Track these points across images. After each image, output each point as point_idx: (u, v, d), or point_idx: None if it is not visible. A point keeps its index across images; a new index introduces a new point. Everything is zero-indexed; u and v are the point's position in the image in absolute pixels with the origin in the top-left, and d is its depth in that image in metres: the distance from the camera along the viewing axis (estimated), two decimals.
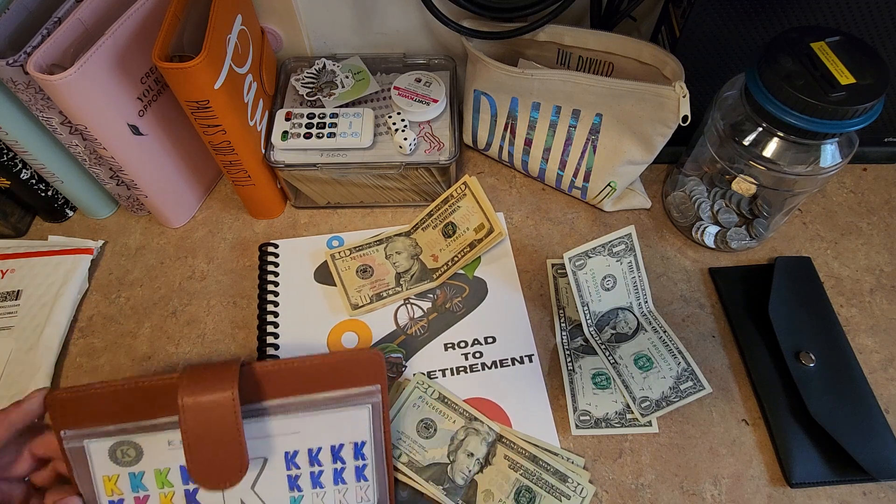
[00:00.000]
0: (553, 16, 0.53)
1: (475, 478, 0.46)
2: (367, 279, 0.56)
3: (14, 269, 0.57)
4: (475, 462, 0.47)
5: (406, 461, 0.47)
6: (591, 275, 0.52)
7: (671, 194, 0.61)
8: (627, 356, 0.52)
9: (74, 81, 0.44)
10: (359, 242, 0.59)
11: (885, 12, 0.50)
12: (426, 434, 0.48)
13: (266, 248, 0.59)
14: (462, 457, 0.47)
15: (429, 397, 0.50)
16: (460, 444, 0.47)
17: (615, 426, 0.49)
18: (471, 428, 0.48)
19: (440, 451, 0.47)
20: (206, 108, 0.48)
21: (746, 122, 0.50)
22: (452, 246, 0.57)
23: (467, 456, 0.47)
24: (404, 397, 0.50)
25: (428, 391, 0.50)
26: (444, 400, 0.50)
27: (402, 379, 0.51)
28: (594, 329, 0.54)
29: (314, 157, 0.56)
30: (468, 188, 0.56)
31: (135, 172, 0.54)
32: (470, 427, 0.48)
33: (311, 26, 0.64)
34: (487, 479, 0.46)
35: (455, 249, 0.56)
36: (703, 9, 0.50)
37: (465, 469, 0.46)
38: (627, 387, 0.50)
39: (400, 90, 0.59)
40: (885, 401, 0.50)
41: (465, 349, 0.53)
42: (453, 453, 0.47)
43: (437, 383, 0.51)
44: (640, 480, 0.47)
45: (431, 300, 0.56)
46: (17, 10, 0.48)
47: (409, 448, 0.47)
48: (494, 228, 0.54)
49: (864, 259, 0.59)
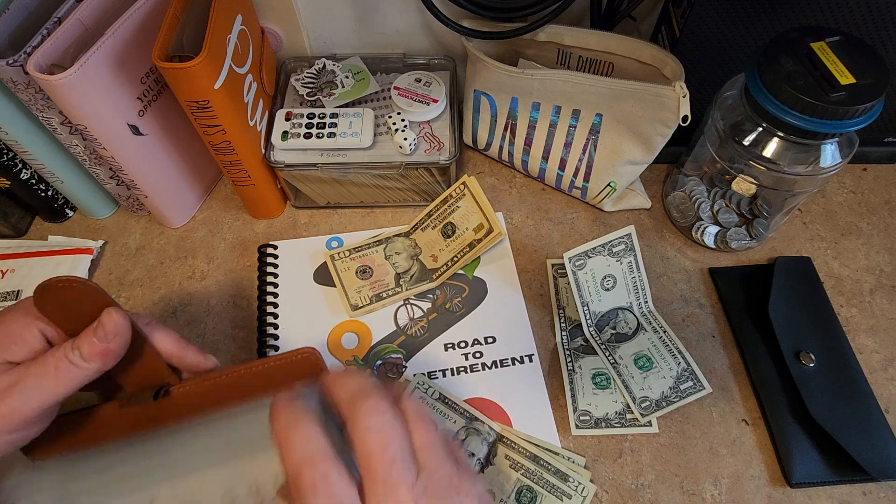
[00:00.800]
0: (553, 16, 0.53)
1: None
2: (366, 280, 0.56)
3: (14, 269, 0.57)
4: (476, 462, 0.47)
5: None
6: (591, 275, 0.52)
7: (671, 194, 0.61)
8: (627, 356, 0.52)
9: (74, 81, 0.44)
10: (358, 243, 0.59)
11: (885, 12, 0.50)
12: None
13: (265, 249, 0.59)
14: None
15: (429, 398, 0.50)
16: (461, 445, 0.47)
17: (615, 426, 0.49)
18: (471, 428, 0.48)
19: None
20: (206, 108, 0.48)
21: (746, 122, 0.50)
22: (452, 246, 0.57)
23: (468, 456, 0.47)
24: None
25: (428, 391, 0.50)
26: (445, 400, 0.50)
27: (402, 379, 0.51)
28: (594, 329, 0.54)
29: (314, 157, 0.56)
30: (467, 188, 0.56)
31: (135, 172, 0.54)
32: (470, 427, 0.48)
33: (310, 26, 0.64)
34: (488, 479, 0.46)
35: (454, 249, 0.56)
36: (703, 9, 0.50)
37: None
38: (627, 387, 0.50)
39: (400, 90, 0.59)
40: (885, 401, 0.50)
41: (465, 349, 0.53)
42: None
43: (437, 384, 0.51)
44: (640, 480, 0.47)
45: (431, 300, 0.56)
46: (17, 10, 0.48)
47: None
48: (494, 228, 0.54)
49: (864, 259, 0.59)
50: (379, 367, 0.52)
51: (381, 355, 0.53)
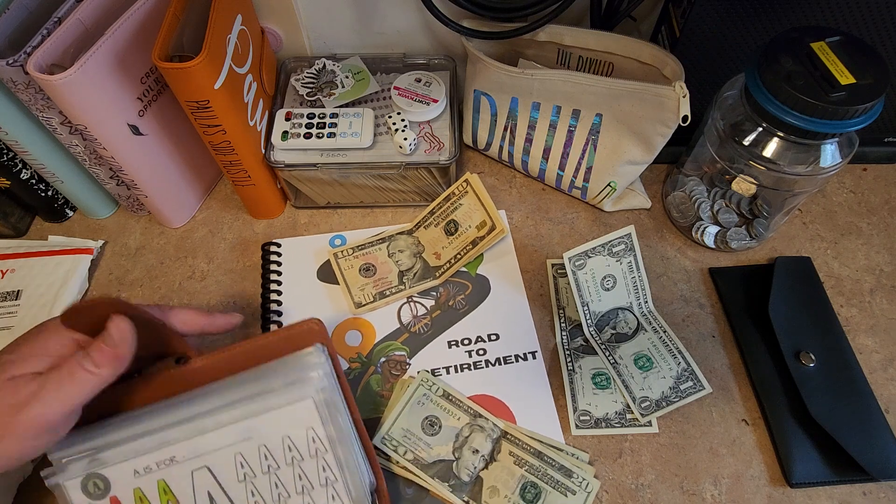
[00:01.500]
0: (553, 16, 0.53)
1: (481, 474, 0.46)
2: (369, 277, 0.56)
3: (14, 269, 0.57)
4: (480, 459, 0.47)
5: (412, 458, 0.47)
6: (591, 275, 0.52)
7: (671, 194, 0.61)
8: (627, 356, 0.52)
9: (74, 81, 0.44)
10: (361, 241, 0.59)
11: (885, 12, 0.50)
12: (431, 431, 0.48)
13: (269, 247, 0.59)
14: (467, 453, 0.47)
15: (433, 395, 0.50)
16: (465, 441, 0.47)
17: (615, 426, 0.49)
18: (475, 425, 0.48)
19: (445, 448, 0.47)
20: (206, 109, 0.48)
21: (746, 122, 0.50)
22: (455, 243, 0.57)
23: (472, 453, 0.47)
24: (409, 395, 0.50)
25: (432, 388, 0.50)
26: (449, 397, 0.50)
27: (406, 376, 0.52)
28: (594, 329, 0.54)
29: (314, 157, 0.56)
30: (470, 185, 0.56)
31: (135, 172, 0.54)
32: (474, 424, 0.48)
33: (310, 26, 0.64)
34: (493, 475, 0.46)
35: (457, 247, 0.56)
36: (703, 9, 0.50)
37: (471, 466, 0.46)
38: (627, 387, 0.50)
39: (400, 90, 0.59)
40: (885, 401, 0.50)
41: (468, 346, 0.53)
42: (458, 450, 0.47)
43: (441, 380, 0.51)
44: (640, 480, 0.47)
45: (434, 298, 0.56)
46: (17, 10, 0.48)
47: (414, 445, 0.47)
48: (497, 226, 0.54)
49: (864, 259, 0.59)
50: (383, 364, 0.53)
51: (384, 352, 0.53)
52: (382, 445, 0.47)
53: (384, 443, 0.47)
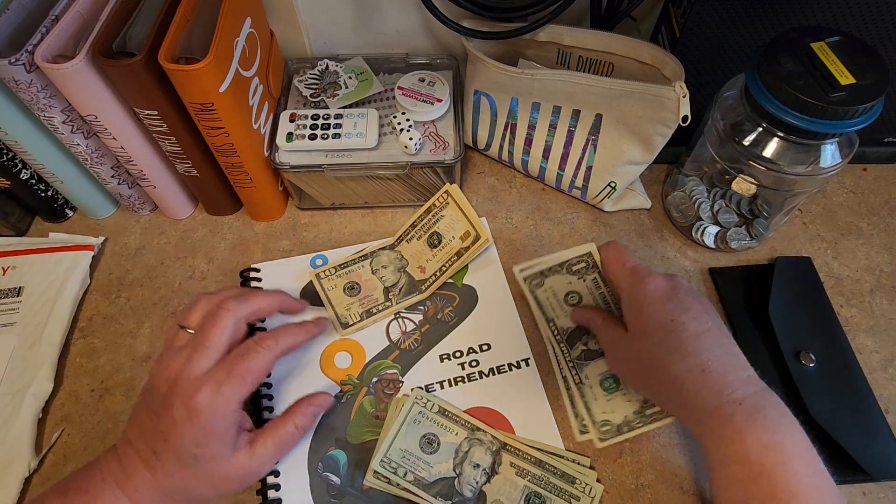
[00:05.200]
0: (553, 16, 0.53)
1: (483, 489, 0.45)
2: (355, 296, 0.55)
3: (15, 265, 0.57)
4: (482, 473, 0.46)
5: (412, 479, 0.45)
6: (552, 292, 0.51)
7: (671, 194, 0.62)
8: (594, 376, 0.50)
9: (83, 69, 0.45)
10: (343, 259, 0.57)
11: (885, 12, 0.50)
12: (430, 449, 0.47)
13: (247, 273, 0.57)
14: (468, 469, 0.46)
15: (429, 412, 0.48)
16: (465, 456, 0.46)
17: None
18: (474, 438, 0.47)
19: (446, 465, 0.46)
20: (210, 111, 0.48)
21: (746, 122, 0.50)
22: (439, 256, 0.56)
23: (473, 467, 0.46)
24: (404, 414, 0.48)
25: (428, 405, 0.49)
26: (445, 413, 0.48)
27: (400, 395, 0.50)
28: (565, 346, 0.52)
29: (319, 158, 0.56)
30: (450, 197, 0.56)
31: (143, 163, 0.54)
32: (473, 438, 0.47)
33: (311, 26, 0.64)
34: (496, 488, 0.45)
35: (442, 259, 0.56)
36: (703, 9, 0.50)
37: (473, 481, 0.45)
38: (588, 409, 0.49)
39: (404, 90, 0.59)
40: (885, 401, 0.50)
41: (460, 359, 0.52)
42: (459, 466, 0.46)
43: (435, 396, 0.50)
44: (640, 480, 0.47)
45: (422, 312, 0.55)
46: (17, 9, 0.48)
47: (413, 465, 0.46)
48: (481, 235, 0.54)
49: (864, 259, 0.59)
50: (375, 384, 0.51)
51: (376, 372, 0.52)
52: (381, 468, 0.45)
53: (383, 465, 0.45)
